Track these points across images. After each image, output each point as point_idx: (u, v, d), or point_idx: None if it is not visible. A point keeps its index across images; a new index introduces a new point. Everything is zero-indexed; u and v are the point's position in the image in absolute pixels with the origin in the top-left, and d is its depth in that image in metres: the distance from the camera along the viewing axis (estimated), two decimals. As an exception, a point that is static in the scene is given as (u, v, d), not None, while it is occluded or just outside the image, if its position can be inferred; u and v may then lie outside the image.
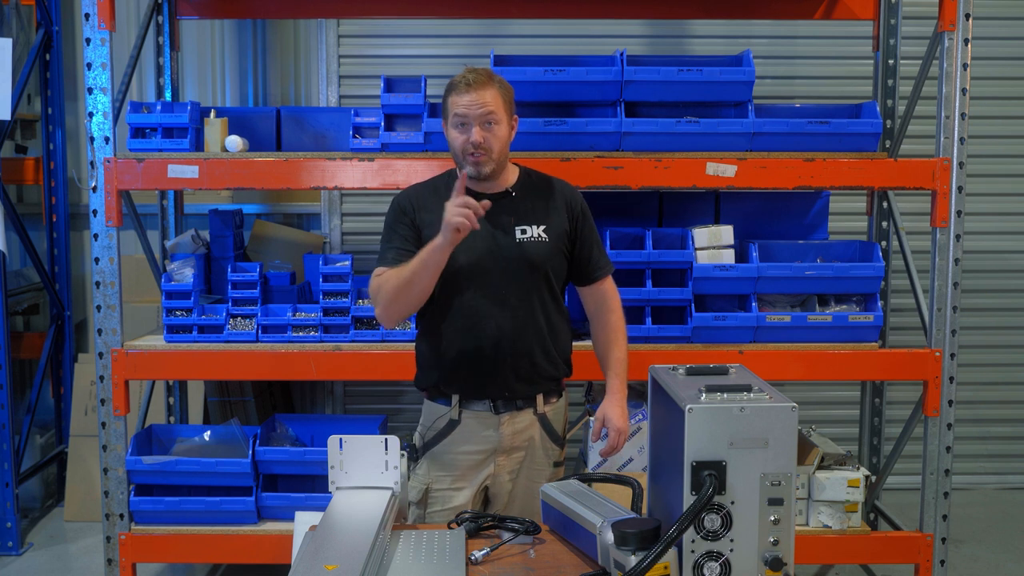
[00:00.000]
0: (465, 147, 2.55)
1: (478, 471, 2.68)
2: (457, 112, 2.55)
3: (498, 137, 2.57)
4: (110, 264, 3.47)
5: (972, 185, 3.64)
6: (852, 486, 3.60)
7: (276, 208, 5.16)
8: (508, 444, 2.67)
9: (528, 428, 2.69)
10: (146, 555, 3.63)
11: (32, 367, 5.15)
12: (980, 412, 5.32)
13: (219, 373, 3.85)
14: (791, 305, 3.70)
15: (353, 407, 5.27)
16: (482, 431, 2.65)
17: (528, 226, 2.63)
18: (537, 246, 2.63)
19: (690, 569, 1.68)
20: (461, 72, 2.61)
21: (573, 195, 2.75)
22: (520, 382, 2.64)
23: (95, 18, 3.39)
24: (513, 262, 2.61)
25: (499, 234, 2.61)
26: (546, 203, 2.69)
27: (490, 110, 2.54)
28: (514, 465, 2.70)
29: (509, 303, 2.60)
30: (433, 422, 2.69)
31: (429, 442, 2.69)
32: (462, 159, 2.58)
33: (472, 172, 2.57)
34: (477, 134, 2.53)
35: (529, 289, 2.63)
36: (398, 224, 2.65)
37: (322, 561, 1.72)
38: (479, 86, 2.54)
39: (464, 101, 2.54)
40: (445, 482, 2.67)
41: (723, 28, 5.11)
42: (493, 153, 2.57)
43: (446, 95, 2.61)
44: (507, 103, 2.61)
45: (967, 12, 3.42)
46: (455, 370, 2.64)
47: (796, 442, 1.68)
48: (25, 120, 4.99)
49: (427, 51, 5.12)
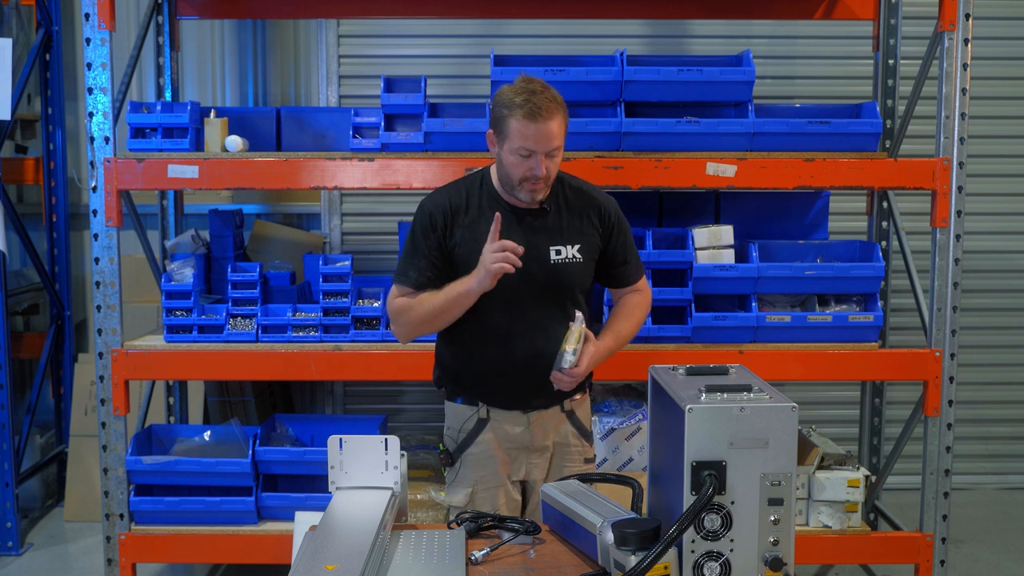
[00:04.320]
0: (526, 176, 2.45)
1: (513, 468, 2.65)
2: (523, 145, 2.41)
3: (557, 164, 2.49)
4: (110, 264, 3.47)
5: (972, 185, 3.64)
6: (852, 486, 3.60)
7: (276, 208, 5.16)
8: (540, 443, 2.64)
9: (558, 425, 2.66)
10: (146, 555, 3.63)
11: (32, 367, 5.15)
12: (980, 412, 5.32)
13: (219, 373, 3.85)
14: (791, 305, 3.70)
15: (353, 407, 5.27)
16: (513, 428, 2.63)
17: (562, 246, 2.56)
18: (571, 267, 2.57)
19: (690, 569, 1.68)
20: (519, 86, 2.44)
21: (607, 203, 2.65)
22: (547, 396, 2.61)
23: (95, 18, 3.39)
24: (547, 285, 2.55)
25: (533, 255, 2.50)
26: (580, 219, 2.60)
27: (557, 145, 2.44)
28: (547, 464, 2.67)
29: (540, 323, 2.55)
30: (462, 424, 2.64)
31: (462, 444, 2.64)
32: (516, 185, 2.48)
33: (526, 199, 2.50)
34: (542, 168, 2.43)
35: (557, 308, 2.57)
36: (426, 240, 2.55)
37: (322, 561, 1.72)
38: (548, 116, 2.39)
39: (531, 134, 2.39)
40: (490, 481, 2.63)
41: (723, 28, 5.11)
42: (551, 180, 2.50)
43: (504, 112, 2.43)
44: (567, 124, 2.50)
45: (967, 12, 3.42)
46: (482, 383, 2.62)
47: (796, 442, 1.68)
48: (25, 120, 4.99)
49: (427, 51, 5.12)
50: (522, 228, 2.54)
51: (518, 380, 2.58)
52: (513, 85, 2.47)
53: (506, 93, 2.46)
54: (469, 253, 2.51)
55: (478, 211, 2.55)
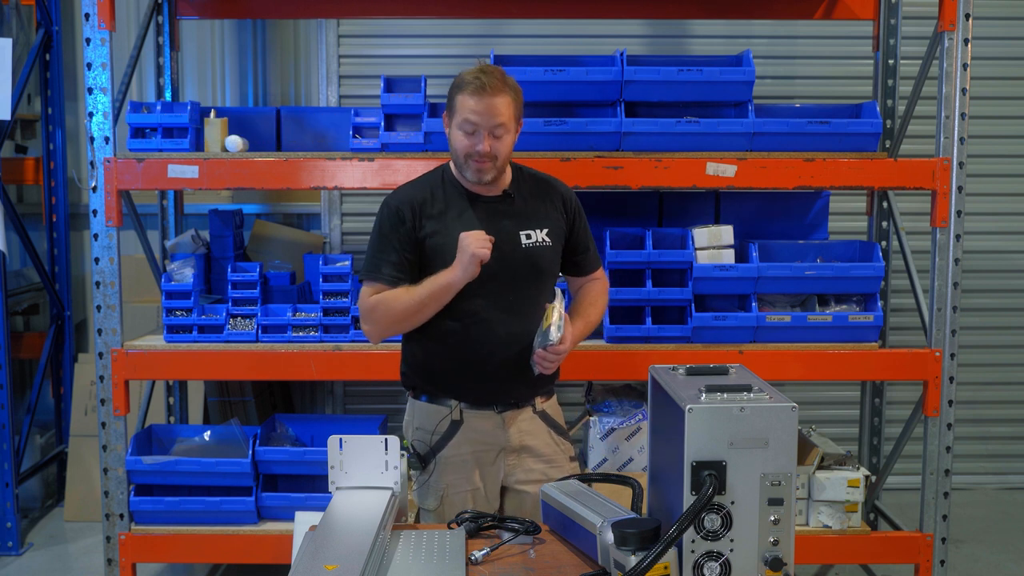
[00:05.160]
0: (470, 153, 2.48)
1: (490, 470, 2.61)
2: (467, 117, 2.46)
3: (505, 145, 2.50)
4: (110, 264, 3.47)
5: (972, 185, 3.64)
6: (852, 486, 3.60)
7: (276, 208, 5.16)
8: (516, 443, 2.61)
9: (532, 427, 2.64)
10: (146, 555, 3.63)
11: (32, 367, 5.15)
12: (980, 412, 5.32)
13: (219, 373, 3.85)
14: (791, 305, 3.70)
15: (353, 407, 5.27)
16: (488, 429, 2.60)
17: (532, 230, 2.59)
18: (542, 251, 2.59)
19: (690, 569, 1.68)
20: (474, 69, 2.50)
21: (567, 193, 2.71)
22: (522, 385, 2.60)
23: (95, 18, 3.39)
24: (520, 268, 2.56)
25: (503, 239, 2.53)
26: (544, 204, 2.64)
27: (501, 122, 2.46)
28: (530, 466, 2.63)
29: (513, 308, 2.55)
30: (435, 425, 2.61)
31: (436, 446, 2.61)
32: (463, 162, 2.51)
33: (472, 178, 2.53)
34: (485, 144, 2.46)
35: (534, 293, 2.59)
36: (394, 234, 2.54)
37: (322, 561, 1.72)
38: (493, 92, 2.44)
39: (476, 107, 2.44)
40: (462, 486, 2.60)
41: (723, 28, 5.11)
42: (498, 162, 2.51)
43: (454, 91, 2.50)
44: (517, 110, 2.53)
45: (967, 12, 3.42)
46: (459, 375, 2.58)
47: (796, 442, 1.68)
48: (25, 120, 4.99)
49: (427, 51, 5.12)
50: (490, 215, 2.56)
51: (494, 369, 2.55)
52: (471, 68, 2.52)
53: (461, 74, 2.52)
54: (441, 243, 2.52)
55: (444, 202, 2.56)
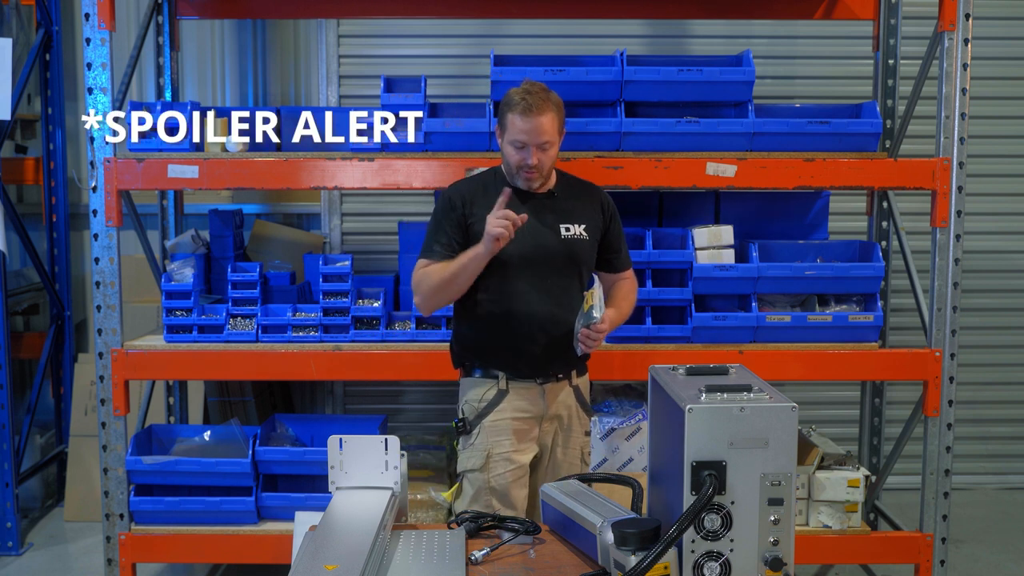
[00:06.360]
0: (521, 165, 2.81)
1: (529, 434, 2.90)
2: (517, 137, 2.77)
3: (551, 157, 2.83)
4: (110, 264, 3.47)
5: (972, 185, 3.64)
6: (852, 486, 3.60)
7: (276, 208, 5.16)
8: (552, 412, 2.92)
9: (567, 398, 2.94)
10: (146, 555, 3.63)
11: (32, 367, 5.15)
12: (980, 412, 5.32)
13: (219, 373, 3.86)
14: (791, 305, 3.70)
15: (353, 407, 5.26)
16: (530, 398, 2.89)
17: (571, 224, 2.90)
18: (579, 243, 2.90)
19: (690, 569, 1.68)
20: (521, 87, 2.80)
21: (606, 198, 3.02)
22: (560, 361, 2.89)
23: (95, 18, 3.40)
24: (559, 256, 2.87)
25: (546, 231, 2.86)
26: (584, 204, 2.95)
27: (547, 139, 2.78)
28: (556, 432, 2.94)
29: (553, 292, 2.86)
30: (482, 395, 2.89)
31: (482, 412, 2.88)
32: (515, 173, 2.84)
33: (522, 186, 2.86)
34: (533, 158, 2.78)
35: (570, 279, 2.90)
36: (447, 219, 2.87)
37: (322, 561, 1.72)
38: (539, 111, 2.75)
39: (524, 127, 2.75)
40: (505, 445, 2.87)
41: (723, 28, 5.11)
42: (544, 171, 2.84)
43: (504, 108, 2.81)
44: (560, 122, 2.84)
45: (967, 12, 3.42)
46: (504, 350, 2.87)
47: (796, 442, 1.68)
48: (25, 120, 4.99)
49: (427, 51, 5.12)
50: (534, 208, 2.86)
51: (535, 345, 2.84)
52: (519, 87, 2.83)
53: (510, 93, 2.83)
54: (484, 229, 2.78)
55: (495, 196, 2.82)
